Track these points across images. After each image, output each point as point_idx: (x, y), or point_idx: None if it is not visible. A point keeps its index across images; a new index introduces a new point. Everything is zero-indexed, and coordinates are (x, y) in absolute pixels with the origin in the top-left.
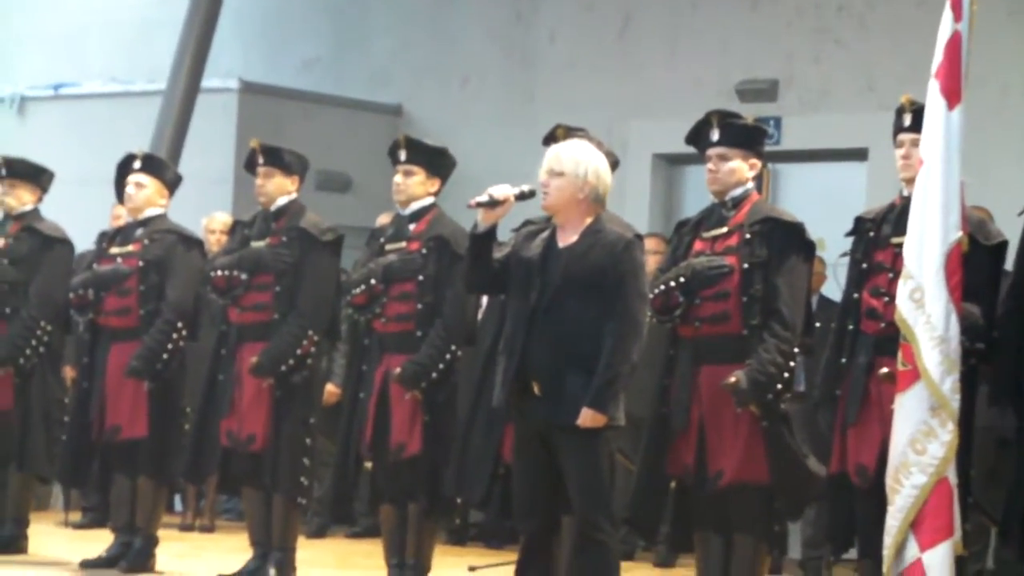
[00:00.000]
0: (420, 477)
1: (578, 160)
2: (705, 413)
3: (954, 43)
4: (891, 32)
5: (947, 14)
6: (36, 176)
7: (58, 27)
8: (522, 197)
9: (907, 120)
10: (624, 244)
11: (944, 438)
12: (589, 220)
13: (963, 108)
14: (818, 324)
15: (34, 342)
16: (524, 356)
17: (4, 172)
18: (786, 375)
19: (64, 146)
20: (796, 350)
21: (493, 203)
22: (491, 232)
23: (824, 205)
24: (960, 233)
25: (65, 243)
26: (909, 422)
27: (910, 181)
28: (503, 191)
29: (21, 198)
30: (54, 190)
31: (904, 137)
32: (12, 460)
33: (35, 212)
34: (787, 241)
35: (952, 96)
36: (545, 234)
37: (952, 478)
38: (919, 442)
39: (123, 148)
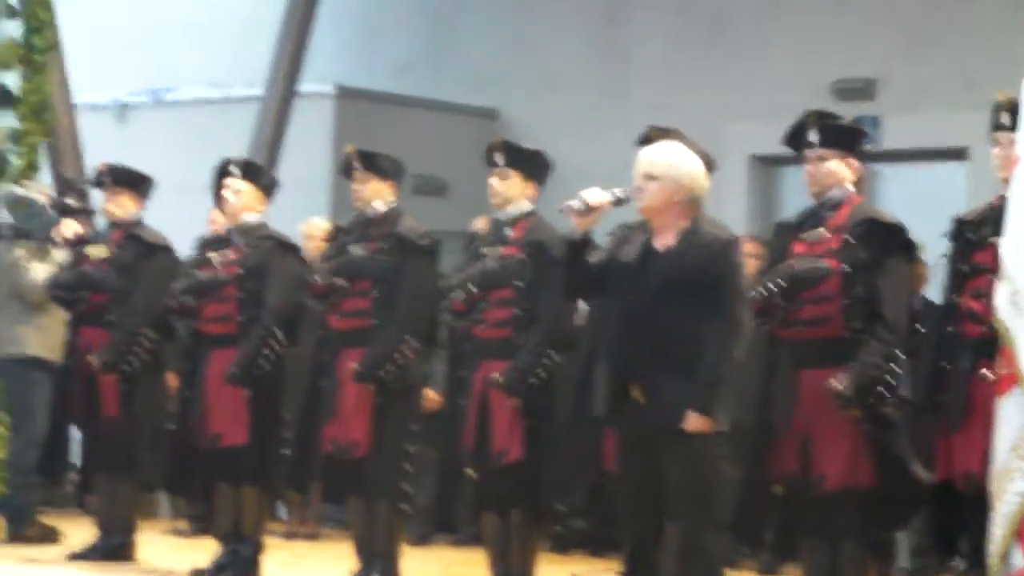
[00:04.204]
0: (521, 484)
1: (671, 163)
2: (808, 417)
3: None
4: (988, 29)
5: None
6: (138, 184)
7: (155, 31)
8: (617, 203)
9: (1004, 118)
10: (721, 244)
11: None
12: (685, 223)
13: None
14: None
15: (138, 349)
16: (624, 361)
17: (108, 180)
18: (889, 378)
19: (163, 152)
20: (900, 353)
21: (587, 208)
22: (586, 238)
23: (923, 206)
24: None
25: (168, 251)
26: (1011, 426)
27: (1008, 180)
28: (597, 196)
29: (124, 206)
30: (154, 196)
31: (1001, 135)
32: (120, 468)
33: (138, 220)
34: (888, 243)
35: None
36: (642, 237)
37: None
38: (1022, 447)
39: (221, 154)
